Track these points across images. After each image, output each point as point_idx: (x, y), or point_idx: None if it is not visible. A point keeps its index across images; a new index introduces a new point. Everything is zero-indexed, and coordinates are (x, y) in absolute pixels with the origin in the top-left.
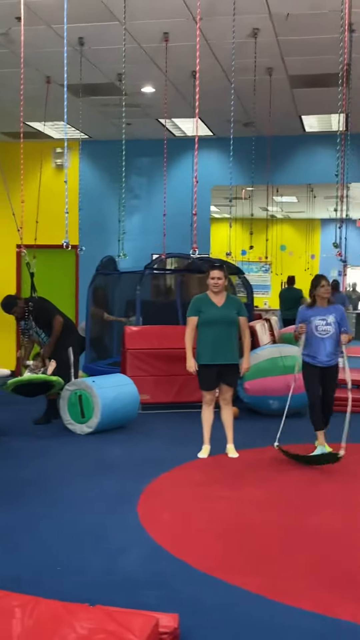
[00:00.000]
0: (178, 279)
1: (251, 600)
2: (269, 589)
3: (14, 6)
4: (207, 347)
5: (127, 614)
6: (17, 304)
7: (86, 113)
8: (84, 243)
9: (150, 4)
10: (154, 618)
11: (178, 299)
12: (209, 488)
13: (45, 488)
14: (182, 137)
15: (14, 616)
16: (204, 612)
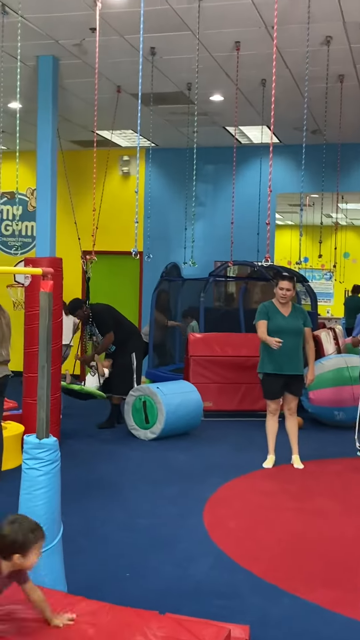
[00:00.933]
0: (242, 286)
1: (321, 614)
2: (339, 602)
3: (89, 17)
4: (273, 357)
5: (198, 624)
6: (82, 307)
7: (154, 121)
8: (149, 249)
9: (223, 13)
10: (226, 629)
11: (241, 306)
12: (276, 498)
13: (111, 493)
14: (248, 144)
15: (89, 622)
16: (272, 624)
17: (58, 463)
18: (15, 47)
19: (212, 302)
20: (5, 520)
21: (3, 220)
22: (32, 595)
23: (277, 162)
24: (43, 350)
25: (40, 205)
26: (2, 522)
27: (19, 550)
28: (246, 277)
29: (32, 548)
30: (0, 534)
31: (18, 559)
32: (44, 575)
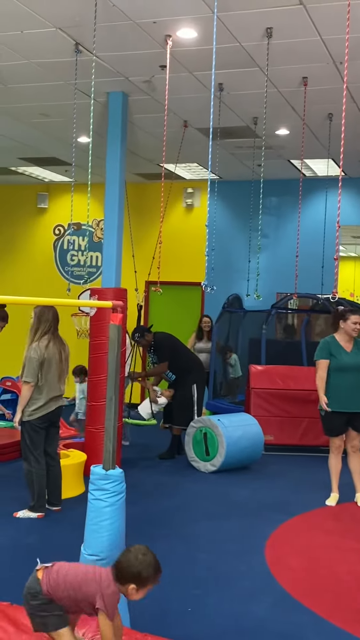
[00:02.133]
0: (304, 318)
1: None
2: None
3: (159, 55)
4: (337, 394)
5: None
6: (144, 335)
7: (219, 155)
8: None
9: (292, 49)
10: None
11: (303, 339)
12: (340, 537)
13: (172, 526)
14: (312, 177)
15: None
16: None
17: (123, 495)
18: (88, 84)
19: (274, 334)
20: (138, 550)
21: (69, 250)
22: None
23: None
24: (111, 382)
25: (107, 236)
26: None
27: (137, 582)
28: (309, 309)
29: (148, 586)
30: (130, 560)
31: (132, 589)
32: None
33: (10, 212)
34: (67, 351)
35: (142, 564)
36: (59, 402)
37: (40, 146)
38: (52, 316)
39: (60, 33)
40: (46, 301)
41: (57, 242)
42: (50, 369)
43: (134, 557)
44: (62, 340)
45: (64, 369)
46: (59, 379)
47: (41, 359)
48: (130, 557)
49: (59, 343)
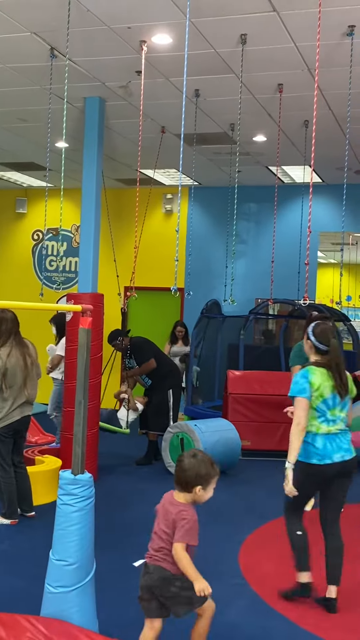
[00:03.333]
0: (282, 324)
1: None
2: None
3: (135, 60)
4: None
5: None
6: (121, 339)
7: (197, 161)
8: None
9: (267, 56)
10: None
11: (281, 344)
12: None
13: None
14: (290, 184)
15: None
16: None
17: (92, 500)
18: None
19: (252, 340)
20: (185, 455)
21: (48, 255)
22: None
23: (320, 201)
24: (80, 387)
25: (84, 242)
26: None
27: (201, 482)
28: (287, 315)
29: (212, 480)
30: (182, 467)
31: (199, 490)
32: (74, 612)
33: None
34: (33, 353)
35: (195, 464)
36: (25, 411)
37: (18, 151)
38: (11, 323)
39: (36, 38)
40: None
41: (35, 248)
42: (15, 378)
43: (186, 463)
44: (25, 344)
45: (30, 373)
46: (24, 385)
47: (2, 369)
48: (183, 465)
49: (21, 347)
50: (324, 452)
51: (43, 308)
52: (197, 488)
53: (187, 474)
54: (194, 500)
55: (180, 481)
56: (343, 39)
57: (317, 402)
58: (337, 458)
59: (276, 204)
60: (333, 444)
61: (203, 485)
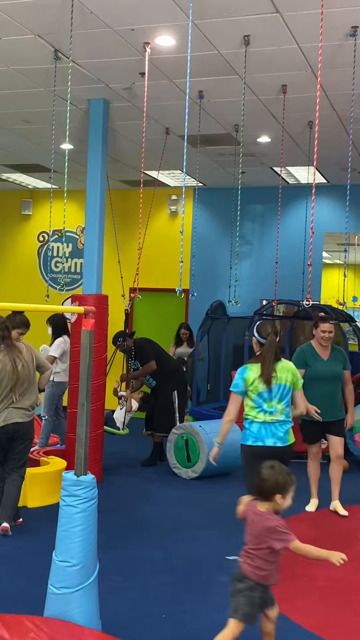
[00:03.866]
0: (288, 325)
1: None
2: None
3: (139, 62)
4: (312, 403)
5: None
6: (124, 340)
7: (202, 162)
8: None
9: (270, 57)
10: None
11: (287, 345)
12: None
13: (151, 534)
14: (295, 184)
15: None
16: None
17: (95, 501)
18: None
19: None
20: (264, 466)
21: (53, 257)
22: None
23: (324, 202)
24: (83, 388)
25: (88, 243)
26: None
27: (280, 490)
28: (292, 316)
29: (290, 488)
30: (261, 477)
31: (279, 499)
32: (77, 612)
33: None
34: (26, 356)
35: (273, 474)
36: (13, 417)
37: (24, 153)
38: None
39: (39, 40)
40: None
41: (41, 249)
42: (2, 384)
43: (265, 473)
44: (18, 348)
45: (22, 378)
46: (13, 391)
47: None
48: (262, 475)
49: (11, 352)
50: (257, 436)
51: (46, 310)
52: (277, 496)
53: (267, 484)
54: (275, 508)
55: (262, 491)
56: (346, 40)
57: (252, 396)
58: (268, 442)
59: (280, 205)
60: (267, 431)
61: (282, 493)
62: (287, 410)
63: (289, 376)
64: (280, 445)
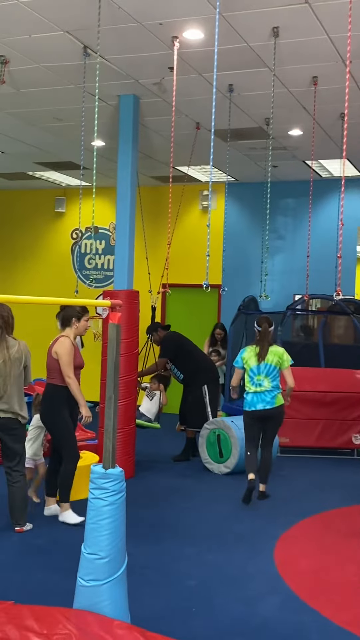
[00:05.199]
0: (322, 320)
1: None
2: None
3: (168, 57)
4: None
5: None
6: (157, 331)
7: (233, 156)
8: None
9: (300, 49)
10: None
11: (320, 340)
12: (351, 538)
13: (183, 528)
14: (328, 177)
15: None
16: None
17: (123, 494)
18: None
19: (290, 336)
20: None
21: (87, 254)
22: None
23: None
24: (110, 381)
25: (119, 239)
26: None
27: None
28: (325, 310)
29: None
30: None
31: None
32: (106, 605)
33: (28, 217)
34: (13, 354)
35: None
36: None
37: (56, 150)
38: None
39: (68, 36)
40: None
41: (74, 246)
42: None
43: None
44: (6, 343)
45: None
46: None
47: None
48: None
49: (3, 347)
50: (251, 403)
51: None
52: None
53: None
54: None
55: None
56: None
57: (247, 370)
58: (259, 407)
59: (311, 198)
60: (258, 398)
61: None
62: (274, 383)
63: (275, 358)
64: (268, 408)
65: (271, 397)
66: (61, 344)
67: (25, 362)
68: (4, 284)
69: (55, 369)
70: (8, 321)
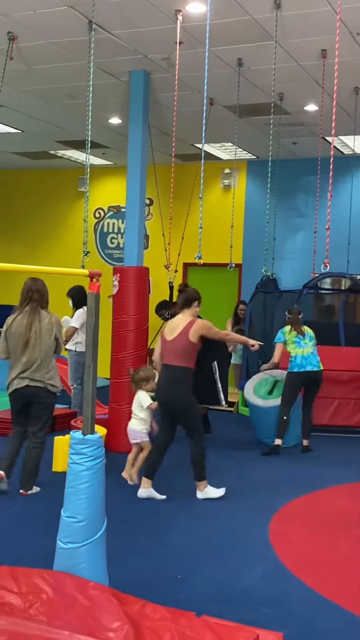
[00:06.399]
0: (342, 299)
1: None
2: None
3: (174, 31)
4: None
5: (228, 627)
6: (165, 309)
7: (252, 133)
8: (248, 262)
9: (305, 21)
10: (254, 634)
11: (341, 319)
12: (349, 514)
13: (183, 498)
14: (350, 154)
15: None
16: (314, 635)
17: (102, 459)
18: (108, 63)
19: (308, 315)
20: None
21: (109, 233)
22: None
23: None
24: (89, 350)
25: (130, 216)
26: None
27: None
28: (345, 289)
29: None
30: None
31: None
32: (84, 567)
33: (52, 196)
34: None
35: None
36: (24, 381)
37: (74, 129)
38: (26, 291)
39: (72, 11)
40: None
41: (97, 225)
42: (15, 346)
43: None
44: (39, 316)
45: (30, 343)
46: (22, 354)
47: (4, 334)
48: None
49: (30, 317)
50: (300, 365)
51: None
52: None
53: None
54: None
55: None
56: None
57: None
58: (308, 368)
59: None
60: (306, 361)
61: None
62: (315, 349)
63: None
64: (316, 370)
65: (317, 360)
66: (202, 324)
67: (56, 334)
68: (28, 262)
69: (188, 352)
70: (44, 295)
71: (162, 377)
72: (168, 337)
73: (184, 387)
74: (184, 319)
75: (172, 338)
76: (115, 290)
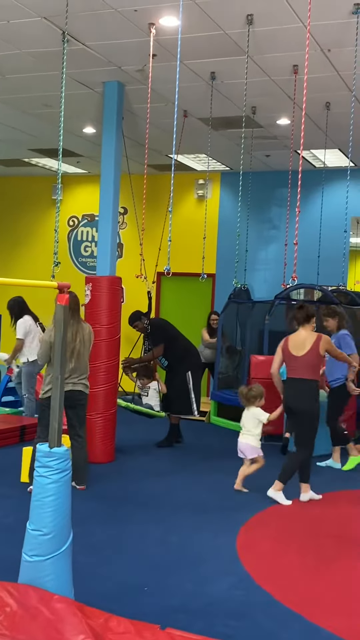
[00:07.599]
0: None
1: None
2: (351, 633)
3: (147, 44)
4: None
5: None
6: (140, 320)
7: (225, 145)
8: (221, 272)
9: (276, 37)
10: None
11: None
12: (319, 524)
13: (152, 511)
14: (322, 168)
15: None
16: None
17: (68, 472)
18: (83, 74)
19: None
20: None
21: (83, 241)
22: None
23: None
24: (57, 362)
25: (102, 226)
26: None
27: None
28: (315, 300)
29: None
30: None
31: None
32: (49, 580)
33: (25, 203)
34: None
35: None
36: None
37: (49, 137)
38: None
39: (46, 22)
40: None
41: (71, 233)
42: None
43: None
44: (81, 324)
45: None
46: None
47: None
48: None
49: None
50: None
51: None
52: None
53: None
54: None
55: None
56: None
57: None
58: None
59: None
60: None
61: None
62: None
63: None
64: None
65: None
66: (327, 340)
67: (90, 345)
68: (1, 270)
69: (318, 366)
70: (78, 304)
71: (291, 390)
72: (297, 353)
73: (316, 400)
74: (309, 335)
75: (304, 354)
76: (87, 300)
